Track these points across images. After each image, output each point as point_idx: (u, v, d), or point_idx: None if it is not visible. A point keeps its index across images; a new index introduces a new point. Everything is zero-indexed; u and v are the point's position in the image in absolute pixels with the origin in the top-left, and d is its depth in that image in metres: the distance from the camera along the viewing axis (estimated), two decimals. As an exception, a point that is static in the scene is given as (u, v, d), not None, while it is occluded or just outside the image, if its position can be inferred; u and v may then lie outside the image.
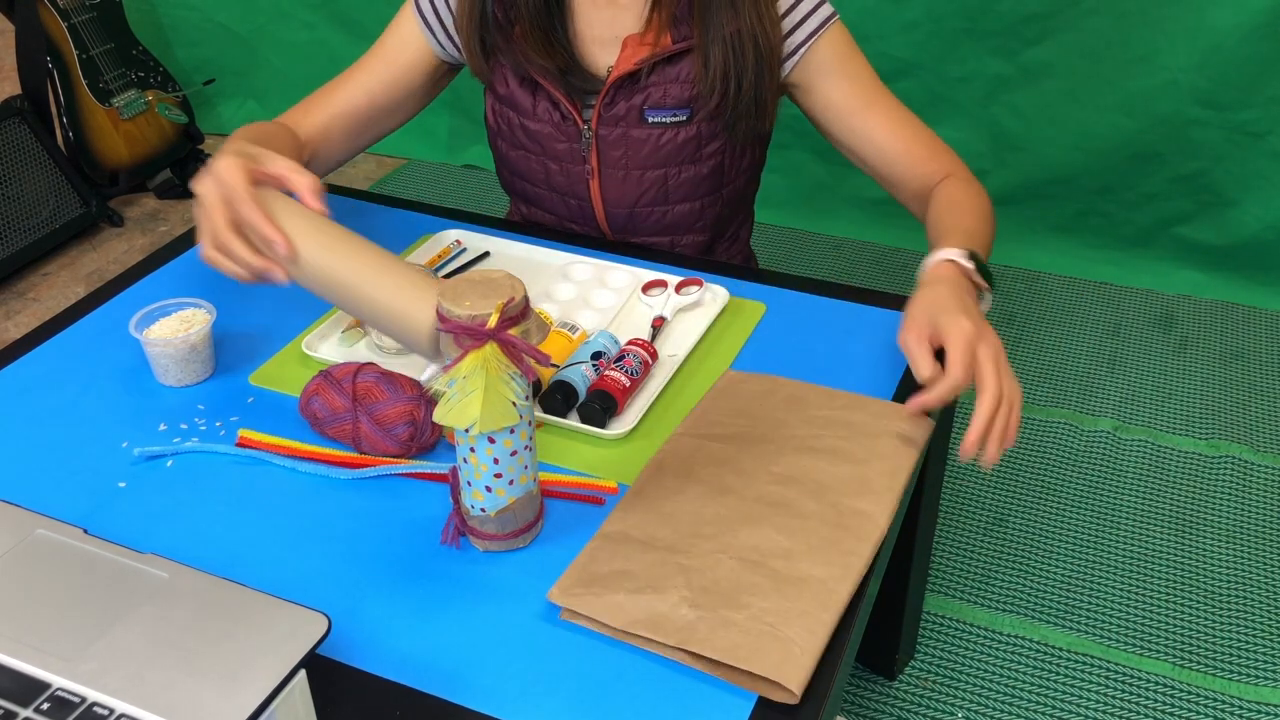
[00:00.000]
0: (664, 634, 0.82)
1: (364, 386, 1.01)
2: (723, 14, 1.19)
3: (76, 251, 2.69)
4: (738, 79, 1.21)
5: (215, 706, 0.68)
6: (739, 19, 1.19)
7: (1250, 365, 2.22)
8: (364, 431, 1.00)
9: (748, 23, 1.19)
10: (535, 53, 1.23)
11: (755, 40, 1.19)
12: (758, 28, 1.19)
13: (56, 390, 1.10)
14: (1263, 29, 2.17)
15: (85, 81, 2.67)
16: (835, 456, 0.98)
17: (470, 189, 2.89)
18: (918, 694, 1.56)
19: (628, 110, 1.26)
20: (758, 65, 1.21)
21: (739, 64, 1.20)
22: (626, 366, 1.07)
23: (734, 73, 1.21)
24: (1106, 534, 1.82)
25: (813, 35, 1.23)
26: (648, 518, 0.92)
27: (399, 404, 1.00)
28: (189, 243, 1.34)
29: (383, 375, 1.02)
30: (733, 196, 1.35)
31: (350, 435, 1.01)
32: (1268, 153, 2.29)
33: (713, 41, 1.20)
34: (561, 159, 1.31)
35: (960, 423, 2.05)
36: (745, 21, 1.19)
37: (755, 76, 1.21)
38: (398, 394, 1.00)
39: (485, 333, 0.81)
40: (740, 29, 1.19)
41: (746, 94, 1.22)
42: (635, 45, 1.23)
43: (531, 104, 1.29)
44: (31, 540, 0.82)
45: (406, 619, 0.86)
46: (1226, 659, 1.61)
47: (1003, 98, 2.44)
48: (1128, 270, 2.49)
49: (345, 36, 2.97)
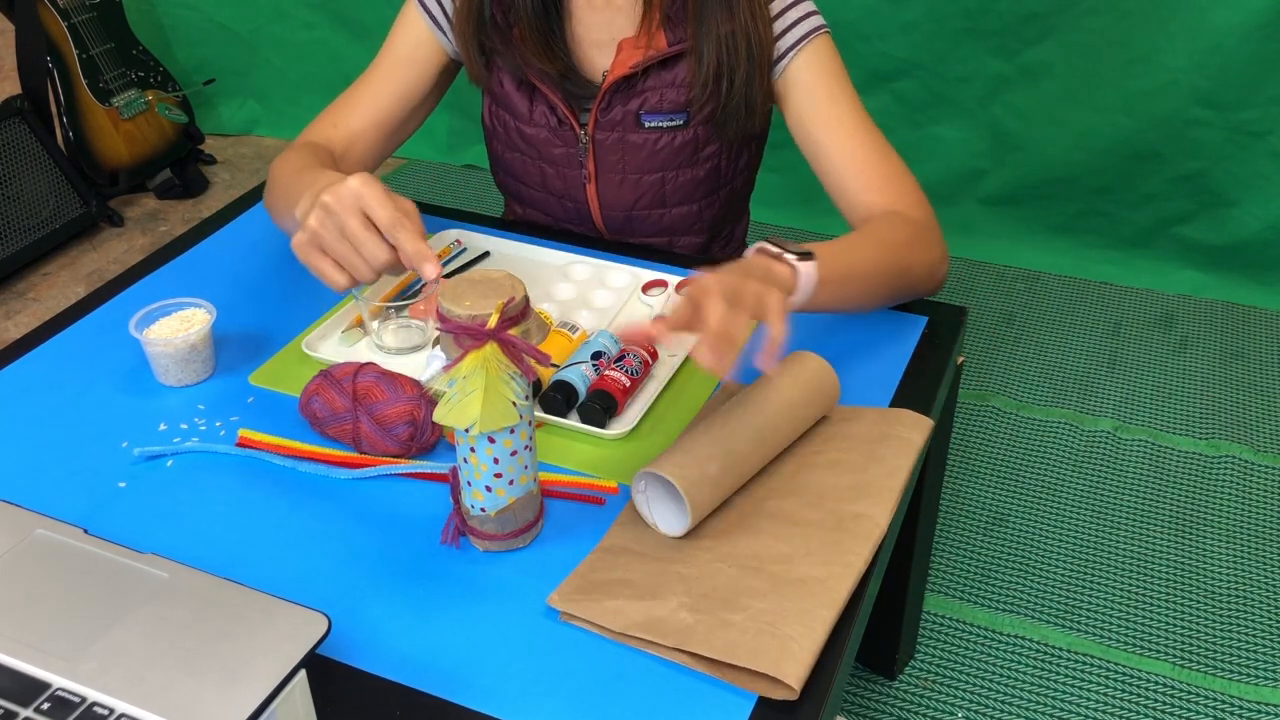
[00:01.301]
0: (662, 636, 0.82)
1: (364, 386, 1.01)
2: (718, 14, 1.18)
3: (76, 251, 2.69)
4: (730, 78, 1.20)
5: (215, 706, 0.68)
6: (734, 19, 1.18)
7: (1250, 365, 2.22)
8: (364, 431, 1.00)
9: (742, 23, 1.18)
10: (535, 56, 1.23)
11: (749, 40, 1.19)
12: (751, 28, 1.19)
13: (56, 390, 1.10)
14: (1263, 29, 2.17)
15: (85, 81, 2.67)
16: (836, 468, 0.97)
17: (470, 189, 2.89)
18: (918, 694, 1.56)
19: (624, 115, 1.25)
20: (749, 65, 1.20)
21: (732, 63, 1.20)
22: (626, 366, 1.07)
23: (726, 72, 1.20)
24: (1106, 534, 1.82)
25: (799, 43, 1.22)
26: (648, 531, 0.92)
27: (399, 404, 1.00)
28: (189, 243, 1.35)
29: (383, 375, 1.02)
30: (730, 197, 1.35)
31: (350, 435, 1.01)
32: (1268, 153, 2.29)
33: (706, 42, 1.19)
34: (558, 163, 1.31)
35: (960, 428, 2.05)
36: (740, 21, 1.18)
37: (747, 76, 1.20)
38: (398, 394, 1.00)
39: (485, 332, 0.81)
40: (734, 29, 1.18)
41: (738, 94, 1.21)
42: (630, 49, 1.23)
43: (528, 109, 1.29)
44: (31, 540, 0.82)
45: (406, 619, 0.86)
46: (1226, 659, 1.61)
47: (1003, 98, 2.44)
48: (1128, 270, 2.49)
49: (345, 36, 2.97)
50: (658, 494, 0.93)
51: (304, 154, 1.19)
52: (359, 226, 0.94)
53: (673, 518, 0.92)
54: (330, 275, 0.97)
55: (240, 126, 3.18)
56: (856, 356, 1.14)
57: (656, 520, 0.92)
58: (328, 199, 0.94)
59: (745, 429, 0.94)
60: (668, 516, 0.92)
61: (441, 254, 1.31)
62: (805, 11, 1.23)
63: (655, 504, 0.93)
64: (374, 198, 0.94)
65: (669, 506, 0.93)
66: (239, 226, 1.38)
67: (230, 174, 3.00)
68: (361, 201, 0.94)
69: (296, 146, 1.24)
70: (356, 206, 0.94)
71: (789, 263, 0.99)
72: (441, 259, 1.30)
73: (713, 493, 0.91)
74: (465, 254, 1.32)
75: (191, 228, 1.38)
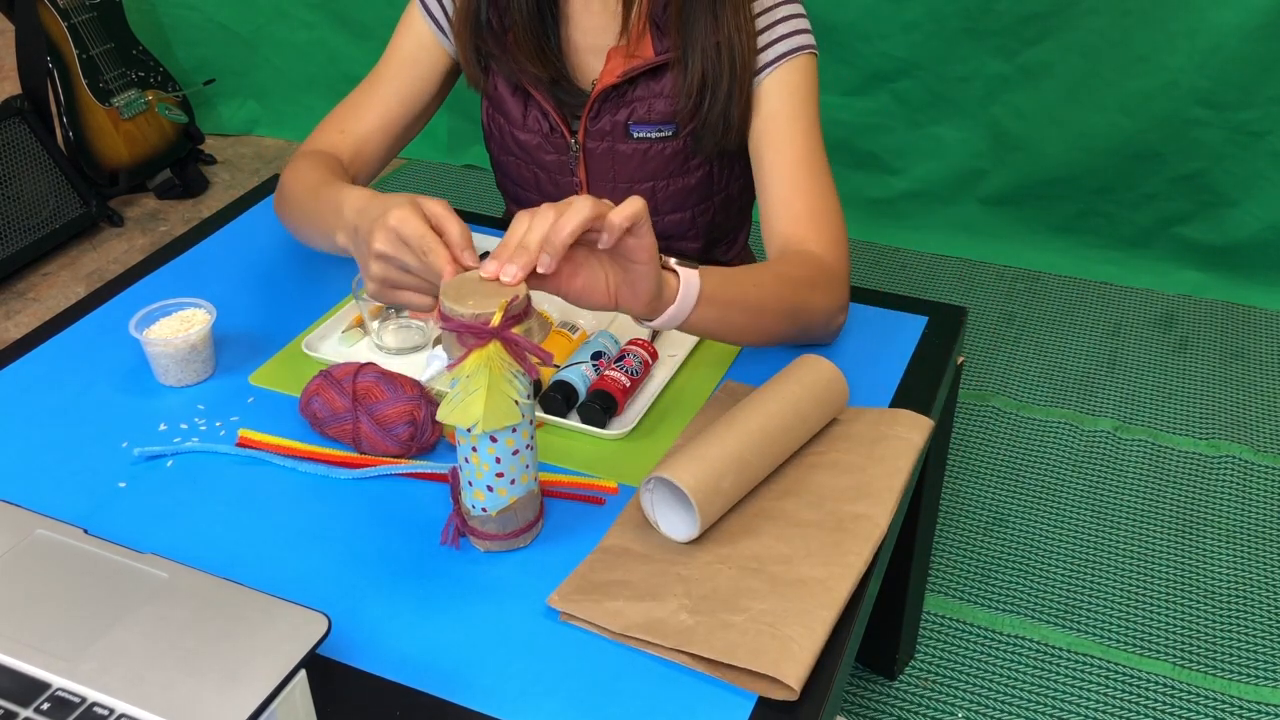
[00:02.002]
0: (663, 637, 0.82)
1: (364, 386, 1.01)
2: (705, 24, 1.17)
3: (76, 251, 2.69)
4: (712, 90, 1.19)
5: (215, 706, 0.68)
6: (719, 30, 1.17)
7: (1250, 365, 2.22)
8: (364, 431, 1.00)
9: (727, 34, 1.17)
10: (529, 60, 1.22)
11: (732, 52, 1.17)
12: (736, 39, 1.17)
13: (56, 390, 1.10)
14: (1263, 29, 2.17)
15: (85, 81, 2.67)
16: (836, 469, 0.97)
17: (470, 189, 2.89)
18: (918, 694, 1.56)
19: (613, 126, 1.25)
20: (731, 79, 1.18)
21: (715, 75, 1.18)
22: (626, 366, 1.07)
23: (710, 83, 1.19)
24: (1106, 534, 1.82)
25: (781, 58, 1.20)
26: (648, 531, 0.92)
27: (399, 404, 1.00)
28: (189, 243, 1.35)
29: (383, 375, 1.02)
30: (726, 204, 1.34)
31: (350, 435, 1.01)
32: (1268, 153, 2.29)
33: (692, 52, 1.18)
34: (550, 169, 1.31)
35: (960, 428, 2.05)
36: (725, 33, 1.17)
37: (729, 89, 1.19)
38: (398, 394, 1.00)
39: (489, 331, 0.81)
40: (719, 40, 1.17)
41: (719, 106, 1.19)
42: (619, 57, 1.22)
43: (522, 115, 1.29)
44: (31, 540, 0.82)
45: (406, 619, 0.86)
46: (1226, 659, 1.61)
47: (1003, 98, 2.44)
48: (1128, 270, 2.49)
49: (345, 36, 2.97)
50: (665, 497, 0.93)
51: (315, 165, 1.19)
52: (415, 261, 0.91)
53: (679, 523, 0.92)
54: (417, 303, 0.94)
55: (240, 126, 3.18)
56: (856, 356, 1.14)
57: (660, 522, 0.92)
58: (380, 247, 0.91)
59: (758, 438, 0.93)
60: (673, 520, 0.92)
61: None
62: (796, 27, 1.21)
63: (660, 505, 0.93)
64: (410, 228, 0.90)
65: (676, 511, 0.92)
66: (239, 226, 1.38)
67: (230, 174, 3.00)
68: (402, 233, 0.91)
69: (305, 156, 1.23)
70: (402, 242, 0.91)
71: (671, 268, 0.96)
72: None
73: (722, 505, 0.91)
74: (465, 254, 1.32)
75: (191, 228, 1.38)
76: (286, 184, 1.20)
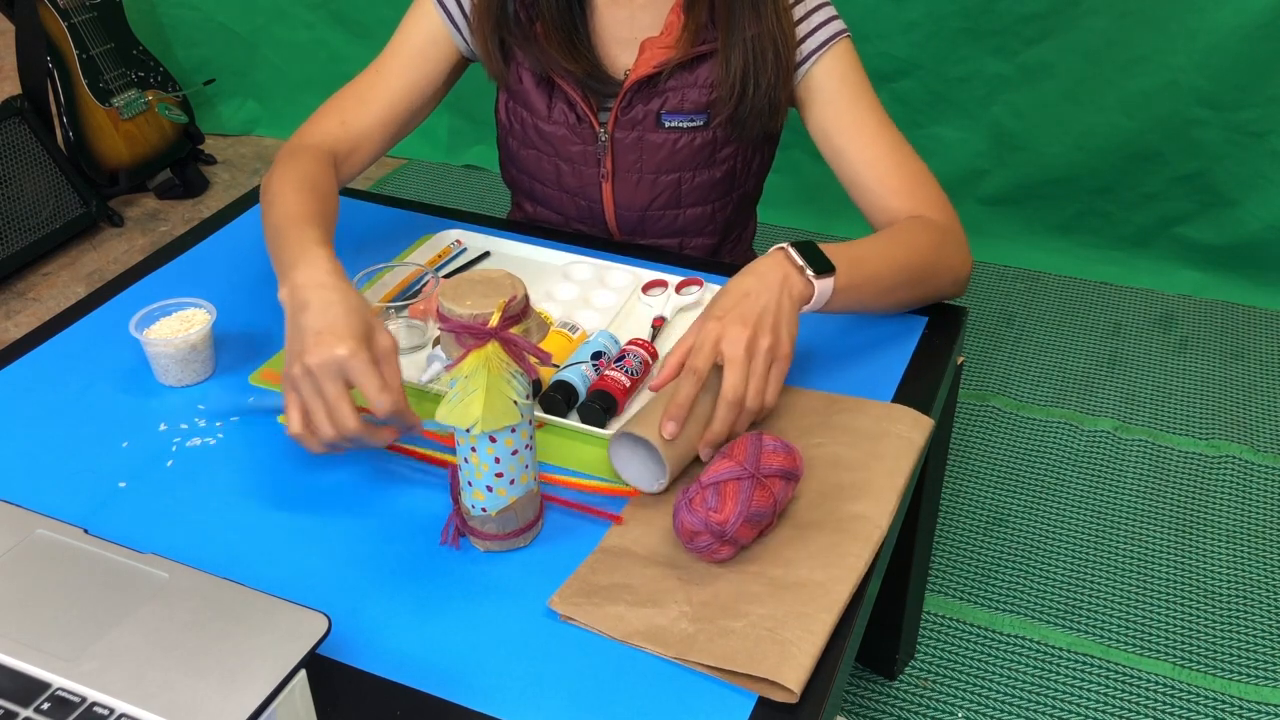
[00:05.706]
0: (664, 645, 0.82)
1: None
2: (746, 17, 1.18)
3: (76, 251, 2.69)
4: (756, 80, 1.20)
5: (215, 706, 0.68)
6: (761, 22, 1.18)
7: (1250, 365, 2.22)
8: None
9: (769, 25, 1.18)
10: (559, 54, 1.22)
11: (775, 43, 1.19)
12: (777, 30, 1.19)
13: (56, 390, 1.10)
14: (1263, 29, 2.17)
15: (85, 81, 2.67)
16: (837, 465, 0.97)
17: (470, 189, 2.89)
18: (918, 694, 1.56)
19: (644, 115, 1.25)
20: (775, 68, 1.20)
21: (758, 67, 1.20)
22: (626, 366, 1.07)
23: (753, 75, 1.20)
24: (1106, 534, 1.82)
25: (821, 48, 1.22)
26: (648, 531, 0.92)
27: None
28: (189, 243, 1.35)
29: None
30: (742, 200, 1.35)
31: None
32: (1268, 153, 2.29)
33: (734, 45, 1.19)
34: (574, 160, 1.30)
35: (960, 428, 2.05)
36: (766, 24, 1.18)
37: (773, 78, 1.20)
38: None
39: (487, 331, 0.81)
40: (761, 32, 1.18)
41: (763, 96, 1.21)
42: (653, 48, 1.23)
43: (547, 106, 1.28)
44: (31, 540, 0.82)
45: (406, 619, 0.86)
46: (1226, 659, 1.61)
47: (1003, 98, 2.44)
48: (1128, 270, 2.49)
49: (345, 36, 2.97)
50: (630, 457, 0.97)
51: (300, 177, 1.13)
52: (335, 394, 0.91)
53: (649, 475, 0.96)
54: (293, 422, 0.93)
55: (240, 126, 3.18)
56: (857, 356, 1.14)
57: (636, 483, 0.96)
58: (311, 362, 0.90)
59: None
60: (645, 476, 0.96)
61: (442, 254, 1.31)
62: (827, 16, 1.23)
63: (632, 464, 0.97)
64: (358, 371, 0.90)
65: (647, 466, 0.96)
66: (239, 226, 1.38)
67: (230, 174, 3.00)
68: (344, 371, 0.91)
69: (295, 154, 1.18)
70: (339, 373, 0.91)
71: (807, 278, 1.02)
72: (442, 259, 1.30)
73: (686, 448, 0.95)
74: (465, 254, 1.32)
75: (191, 228, 1.38)
76: (269, 188, 1.13)
